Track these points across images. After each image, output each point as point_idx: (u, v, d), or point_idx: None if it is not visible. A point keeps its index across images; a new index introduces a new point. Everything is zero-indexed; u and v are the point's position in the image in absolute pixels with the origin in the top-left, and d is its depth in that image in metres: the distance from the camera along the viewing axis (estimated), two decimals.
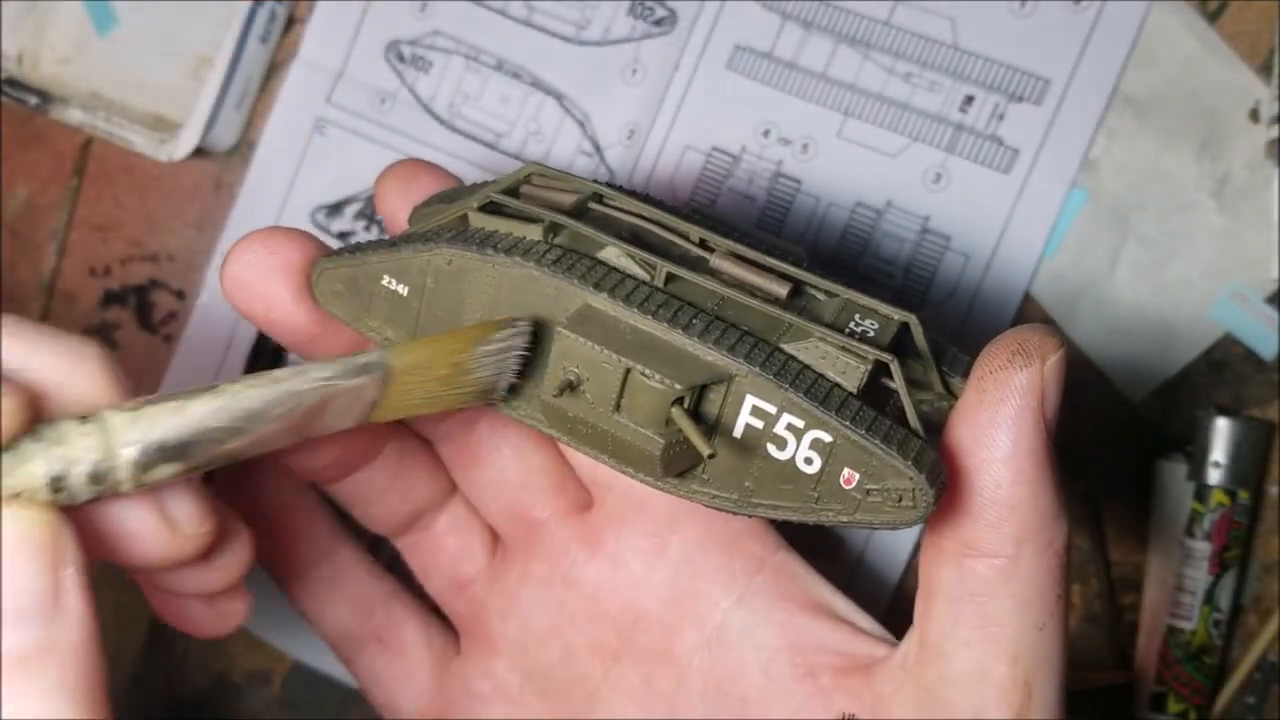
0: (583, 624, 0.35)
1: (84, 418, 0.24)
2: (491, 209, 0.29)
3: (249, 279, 0.31)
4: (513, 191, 0.30)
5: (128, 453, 0.24)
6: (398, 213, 0.33)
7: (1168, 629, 0.40)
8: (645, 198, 0.30)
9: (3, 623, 0.23)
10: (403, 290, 0.29)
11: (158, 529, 0.27)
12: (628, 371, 0.26)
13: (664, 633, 0.34)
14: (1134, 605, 0.42)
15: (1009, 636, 0.28)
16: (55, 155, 0.47)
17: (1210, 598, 0.40)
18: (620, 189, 0.30)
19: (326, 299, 0.31)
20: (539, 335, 0.28)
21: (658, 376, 0.26)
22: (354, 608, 0.38)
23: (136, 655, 0.45)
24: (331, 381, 0.26)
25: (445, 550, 0.37)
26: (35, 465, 0.23)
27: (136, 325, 0.47)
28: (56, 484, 0.24)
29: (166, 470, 0.25)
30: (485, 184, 0.32)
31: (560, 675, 0.35)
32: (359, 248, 0.30)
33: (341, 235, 0.44)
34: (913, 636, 0.30)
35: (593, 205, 0.30)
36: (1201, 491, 0.40)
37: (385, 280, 0.29)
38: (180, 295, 0.47)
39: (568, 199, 0.30)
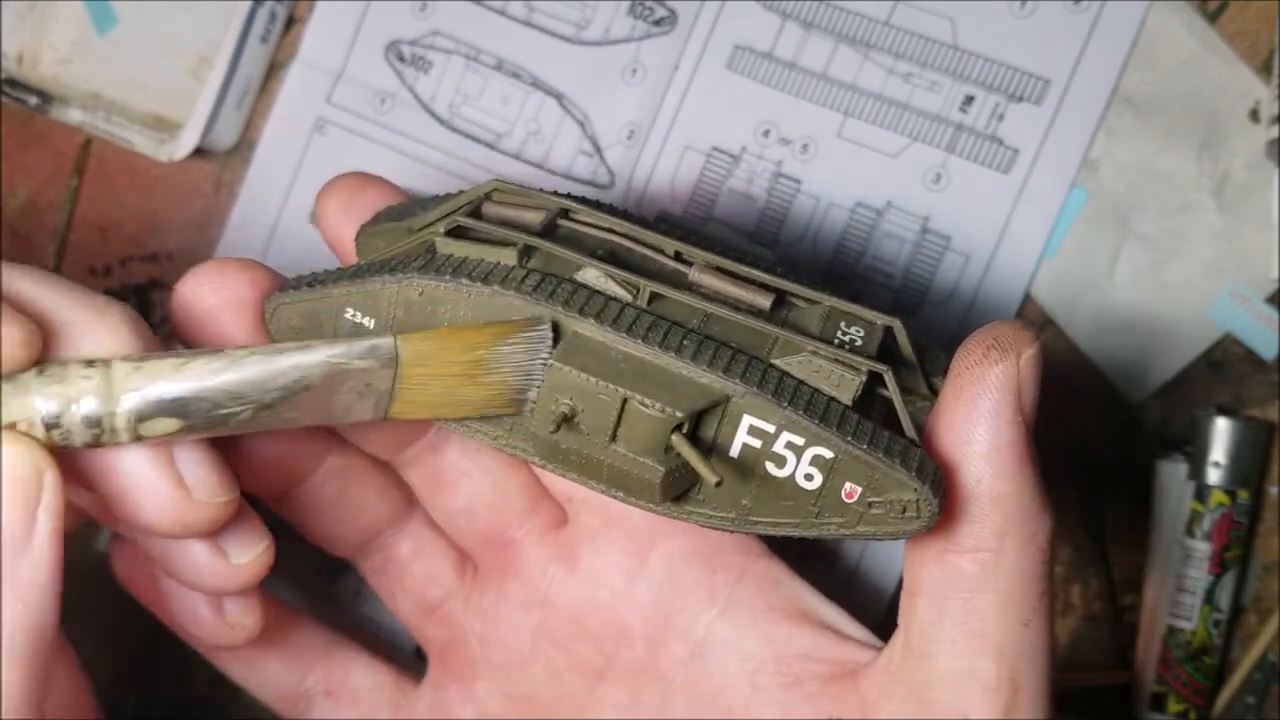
0: (565, 643, 0.35)
1: (90, 362, 0.25)
2: (458, 232, 0.28)
3: (197, 315, 0.29)
4: (475, 210, 0.29)
5: (126, 400, 0.24)
6: (341, 229, 0.32)
7: (1168, 629, 0.40)
8: (612, 209, 0.29)
9: None
10: (368, 323, 0.28)
11: (168, 487, 0.26)
12: (625, 401, 0.26)
13: (648, 648, 0.34)
14: (1134, 605, 0.42)
15: (994, 633, 0.28)
16: (55, 155, 0.47)
17: (1210, 598, 0.40)
18: (585, 202, 0.29)
19: (283, 335, 0.29)
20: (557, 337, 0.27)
21: (657, 405, 0.25)
22: (289, 664, 0.36)
23: (138, 656, 0.45)
24: (335, 359, 0.26)
25: (410, 574, 0.36)
26: (33, 399, 0.24)
27: None
28: (52, 421, 0.24)
29: (164, 425, 0.25)
30: (437, 198, 0.30)
31: (545, 695, 0.35)
32: (317, 279, 0.29)
33: None
34: (897, 638, 0.30)
35: (561, 222, 0.29)
36: (1201, 491, 0.40)
37: (349, 313, 0.28)
38: None
39: (534, 217, 0.28)
